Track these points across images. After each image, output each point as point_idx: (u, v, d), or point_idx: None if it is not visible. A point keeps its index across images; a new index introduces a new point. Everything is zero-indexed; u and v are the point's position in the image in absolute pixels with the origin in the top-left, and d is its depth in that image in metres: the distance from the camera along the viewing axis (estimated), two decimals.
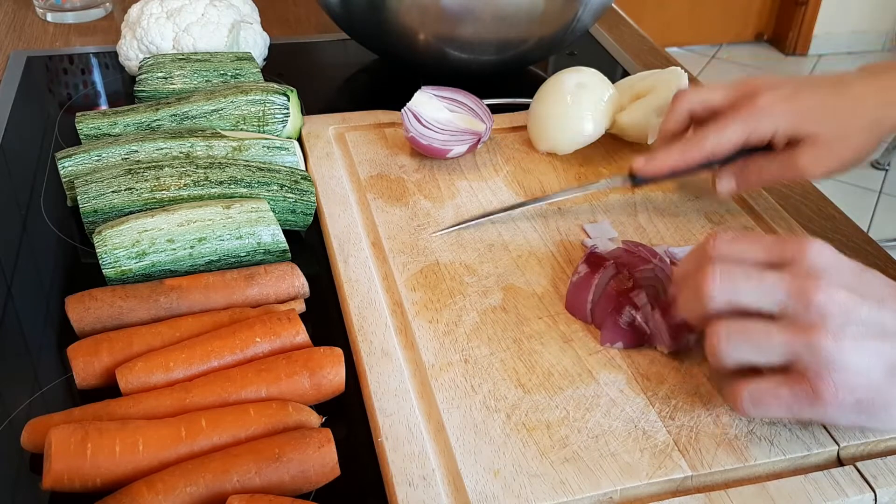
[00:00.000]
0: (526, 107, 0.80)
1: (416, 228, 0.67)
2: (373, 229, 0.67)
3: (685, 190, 0.73)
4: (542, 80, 0.79)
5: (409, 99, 0.74)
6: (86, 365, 0.51)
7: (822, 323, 0.45)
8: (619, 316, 0.56)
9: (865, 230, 0.80)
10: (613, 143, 0.79)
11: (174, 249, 0.59)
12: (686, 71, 0.79)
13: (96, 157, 0.66)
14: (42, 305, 0.60)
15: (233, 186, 0.64)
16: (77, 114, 0.72)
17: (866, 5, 3.22)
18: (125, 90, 0.89)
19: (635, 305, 0.56)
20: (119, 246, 0.58)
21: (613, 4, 1.08)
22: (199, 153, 0.67)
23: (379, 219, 0.68)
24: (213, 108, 0.72)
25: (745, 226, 0.70)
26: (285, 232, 0.64)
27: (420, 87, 0.76)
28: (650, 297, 0.59)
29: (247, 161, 0.66)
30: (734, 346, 0.47)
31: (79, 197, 0.62)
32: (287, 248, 0.62)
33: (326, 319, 0.60)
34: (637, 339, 0.56)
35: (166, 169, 0.63)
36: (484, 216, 0.68)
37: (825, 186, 0.75)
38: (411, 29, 0.83)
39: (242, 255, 0.61)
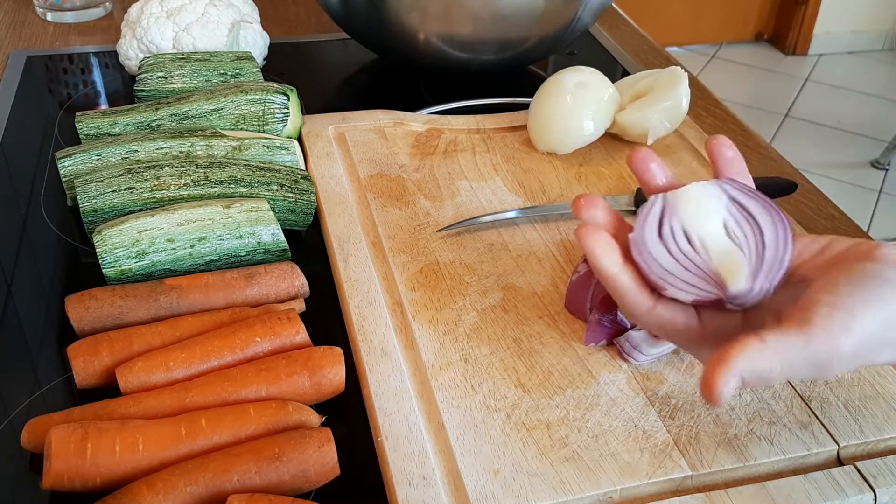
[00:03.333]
0: (526, 107, 0.80)
1: (416, 228, 0.67)
2: (373, 229, 0.67)
3: None
4: (542, 80, 0.79)
5: (408, 99, 0.74)
6: (86, 364, 0.51)
7: None
8: (600, 315, 0.56)
9: (865, 230, 0.80)
10: (613, 143, 0.79)
11: (174, 249, 0.59)
12: (686, 70, 0.79)
13: (96, 157, 0.66)
14: (42, 305, 0.60)
15: (233, 186, 0.64)
16: (77, 113, 0.72)
17: (866, 5, 3.22)
18: (125, 90, 0.89)
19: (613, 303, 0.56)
20: (119, 245, 0.58)
21: (613, 4, 1.08)
22: (199, 153, 0.67)
23: (379, 218, 0.68)
24: (212, 107, 0.72)
25: None
26: (285, 231, 0.64)
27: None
28: None
29: (247, 160, 0.66)
30: None
31: (79, 196, 0.62)
32: (287, 247, 0.62)
33: (326, 319, 0.60)
34: (619, 334, 0.56)
35: (166, 168, 0.63)
36: (486, 215, 0.68)
37: (825, 186, 0.75)
38: (411, 29, 0.83)
39: (242, 254, 0.61)
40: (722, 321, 0.48)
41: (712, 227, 0.46)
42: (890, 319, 0.43)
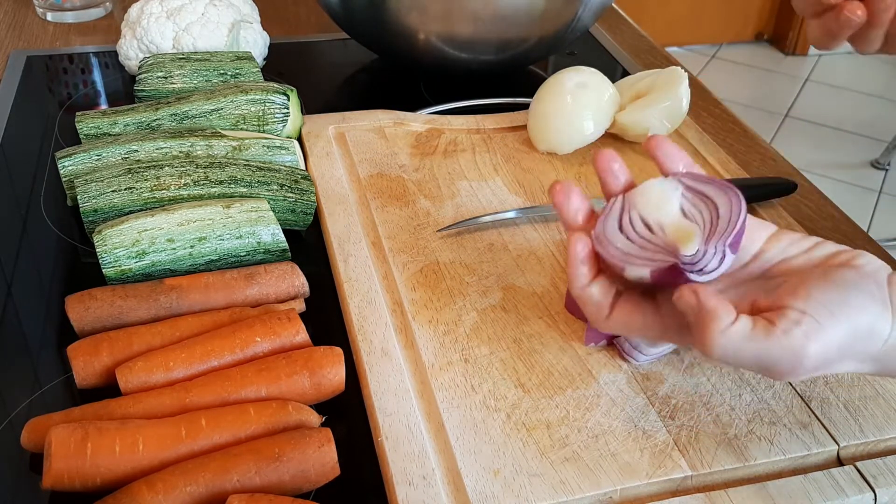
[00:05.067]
0: (526, 107, 0.80)
1: (416, 228, 0.67)
2: (373, 229, 0.67)
3: None
4: (542, 80, 0.79)
5: (408, 99, 0.74)
6: (86, 364, 0.51)
7: None
8: None
9: (865, 230, 0.80)
10: (613, 143, 0.79)
11: (174, 249, 0.59)
12: (686, 70, 0.79)
13: (96, 157, 0.66)
14: (42, 305, 0.60)
15: (233, 186, 0.64)
16: (77, 113, 0.72)
17: None
18: (125, 90, 0.89)
19: None
20: (119, 245, 0.58)
21: (613, 4, 1.08)
22: (199, 153, 0.67)
23: (379, 218, 0.68)
24: (212, 107, 0.72)
25: None
26: (285, 231, 0.64)
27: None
28: None
29: (247, 160, 0.66)
30: None
31: (79, 196, 0.62)
32: (287, 247, 0.62)
33: (326, 319, 0.60)
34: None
35: (166, 168, 0.63)
36: (485, 215, 0.68)
37: (825, 186, 0.75)
38: (411, 29, 0.83)
39: (242, 254, 0.61)
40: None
41: (670, 212, 0.48)
42: (857, 329, 0.44)
